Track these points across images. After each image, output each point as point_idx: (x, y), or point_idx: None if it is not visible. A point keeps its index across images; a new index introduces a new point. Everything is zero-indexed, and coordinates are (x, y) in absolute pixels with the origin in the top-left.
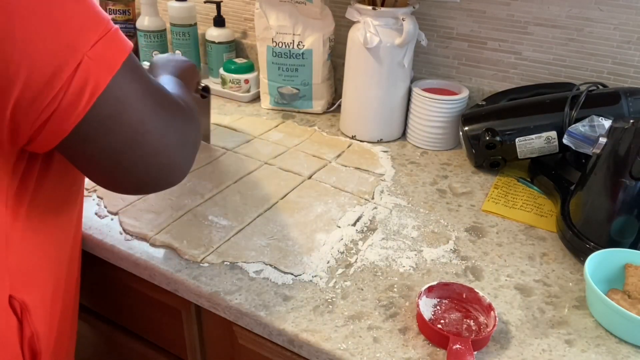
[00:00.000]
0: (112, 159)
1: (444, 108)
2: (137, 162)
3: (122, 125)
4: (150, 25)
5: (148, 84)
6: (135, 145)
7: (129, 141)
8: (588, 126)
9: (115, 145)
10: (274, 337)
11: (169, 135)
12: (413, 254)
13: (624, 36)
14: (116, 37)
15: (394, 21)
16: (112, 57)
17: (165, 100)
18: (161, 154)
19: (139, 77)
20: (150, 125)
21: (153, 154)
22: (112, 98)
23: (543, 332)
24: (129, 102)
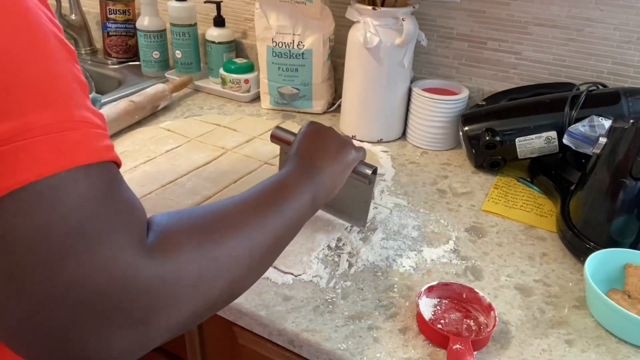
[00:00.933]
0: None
1: (444, 108)
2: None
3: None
4: (150, 25)
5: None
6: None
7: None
8: (588, 126)
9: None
10: (274, 337)
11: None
12: (413, 254)
13: (624, 36)
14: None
15: (394, 21)
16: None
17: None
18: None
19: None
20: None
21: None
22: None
23: (543, 332)
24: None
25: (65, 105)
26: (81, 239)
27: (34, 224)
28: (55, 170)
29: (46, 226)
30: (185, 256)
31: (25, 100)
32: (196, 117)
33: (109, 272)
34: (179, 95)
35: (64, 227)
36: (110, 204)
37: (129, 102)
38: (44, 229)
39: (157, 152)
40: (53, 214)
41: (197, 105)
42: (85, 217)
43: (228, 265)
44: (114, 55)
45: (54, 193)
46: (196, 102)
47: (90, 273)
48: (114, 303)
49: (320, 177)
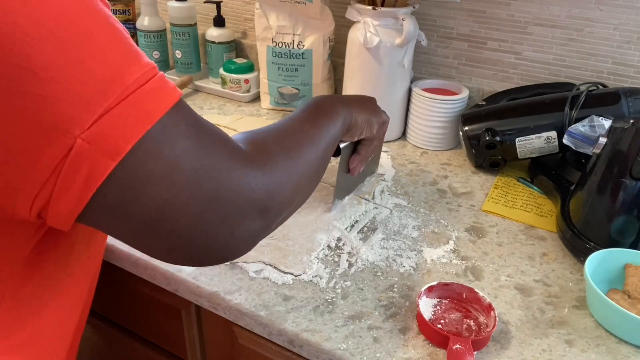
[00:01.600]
0: (137, 239)
1: (444, 108)
2: (166, 241)
3: (140, 209)
4: (150, 25)
5: (172, 166)
6: (159, 227)
7: (150, 222)
8: (588, 126)
9: (135, 226)
10: (274, 337)
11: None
12: (413, 254)
13: (624, 36)
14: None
15: (394, 21)
16: (116, 141)
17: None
18: (194, 228)
19: (155, 163)
20: (178, 202)
21: (185, 228)
22: (117, 188)
23: (543, 332)
24: (145, 190)
25: (138, 57)
26: (202, 162)
27: (166, 161)
28: (160, 114)
29: (175, 159)
30: (278, 159)
31: (117, 62)
32: None
33: (232, 182)
34: None
35: (187, 155)
36: (204, 129)
37: None
38: (174, 162)
39: None
40: (174, 149)
41: (197, 105)
42: (196, 144)
43: (307, 167)
44: None
45: (167, 132)
46: (196, 102)
47: (220, 185)
48: (242, 201)
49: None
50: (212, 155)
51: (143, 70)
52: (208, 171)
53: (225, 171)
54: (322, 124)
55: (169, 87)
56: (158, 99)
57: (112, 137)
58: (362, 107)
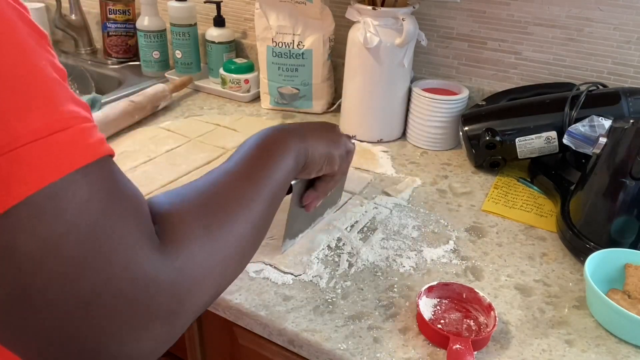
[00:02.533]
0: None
1: (444, 108)
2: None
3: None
4: (150, 25)
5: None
6: (17, 323)
7: (4, 312)
8: (588, 126)
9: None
10: (274, 337)
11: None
12: (413, 254)
13: (624, 36)
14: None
15: (394, 21)
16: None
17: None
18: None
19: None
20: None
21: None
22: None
23: (543, 332)
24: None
25: (49, 103)
26: (93, 245)
27: (39, 239)
28: (53, 178)
29: (53, 239)
30: (196, 243)
31: (6, 106)
32: (196, 117)
33: (129, 275)
34: (179, 95)
35: (72, 236)
36: (116, 201)
37: (129, 102)
38: (51, 242)
39: (157, 152)
40: (58, 225)
41: (197, 105)
42: (93, 221)
43: (235, 242)
44: (114, 55)
45: (55, 202)
46: (196, 102)
47: (110, 278)
48: (139, 304)
49: (302, 141)
50: (112, 237)
51: (53, 119)
52: (100, 256)
53: (124, 258)
54: (266, 169)
55: (83, 143)
56: (58, 157)
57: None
58: (320, 139)
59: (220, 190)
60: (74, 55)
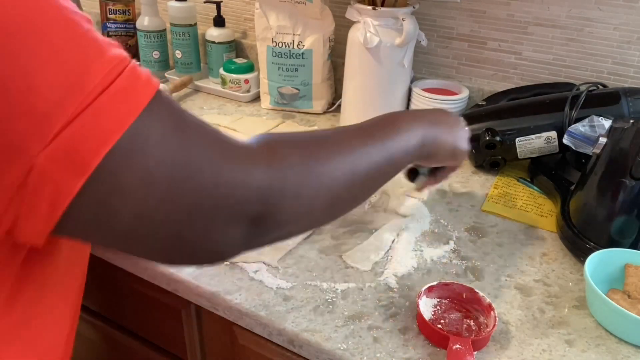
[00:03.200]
0: (116, 247)
1: (443, 108)
2: (146, 249)
3: (111, 230)
4: (150, 25)
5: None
6: (137, 238)
7: (128, 235)
8: (588, 126)
9: (111, 239)
10: (274, 337)
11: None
12: (413, 254)
13: (624, 36)
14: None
15: (394, 21)
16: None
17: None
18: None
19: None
20: (155, 216)
21: (165, 239)
22: (86, 208)
23: (543, 332)
24: (117, 210)
25: (100, 55)
26: (182, 168)
27: (137, 174)
28: (129, 120)
29: (148, 171)
30: (290, 169)
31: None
32: None
33: (217, 182)
34: (179, 95)
35: (162, 166)
36: (185, 127)
37: None
38: (148, 175)
39: None
40: (148, 159)
41: (197, 105)
42: (174, 148)
43: (329, 184)
44: None
45: (137, 141)
46: (196, 102)
47: (205, 190)
48: (231, 203)
49: (433, 127)
50: (196, 154)
51: (108, 68)
52: (190, 176)
53: (210, 171)
54: (386, 134)
55: (139, 83)
56: (126, 101)
57: (76, 153)
58: (450, 132)
59: (332, 136)
60: None
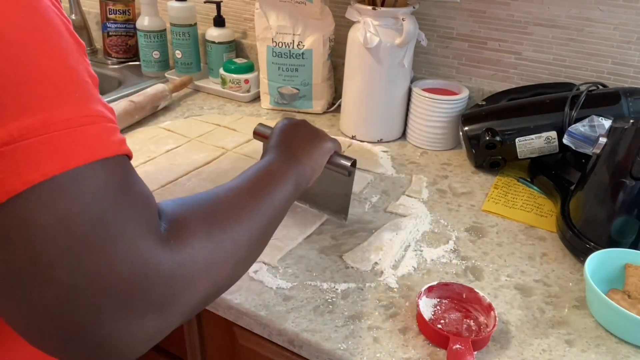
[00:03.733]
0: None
1: (444, 108)
2: (22, 311)
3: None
4: (150, 25)
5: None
6: (20, 290)
7: (11, 281)
8: (588, 126)
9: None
10: (274, 337)
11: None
12: (413, 254)
13: (624, 36)
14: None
15: (394, 21)
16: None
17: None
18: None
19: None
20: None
21: (50, 304)
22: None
23: (543, 332)
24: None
25: (82, 100)
26: (102, 228)
27: (56, 215)
28: (77, 163)
29: (68, 216)
30: (198, 243)
31: (45, 95)
32: (196, 117)
33: (131, 261)
34: (179, 95)
35: (85, 217)
36: (127, 194)
37: (129, 102)
38: (66, 220)
39: (157, 152)
40: (74, 205)
41: (197, 105)
42: (105, 207)
43: (232, 249)
44: (114, 55)
45: (75, 185)
46: (196, 102)
47: (113, 262)
48: (136, 291)
49: (300, 164)
50: (120, 224)
51: (84, 114)
52: (105, 242)
53: (127, 249)
54: (267, 188)
55: (109, 140)
56: (85, 146)
57: (8, 172)
58: (309, 154)
59: (224, 200)
60: None
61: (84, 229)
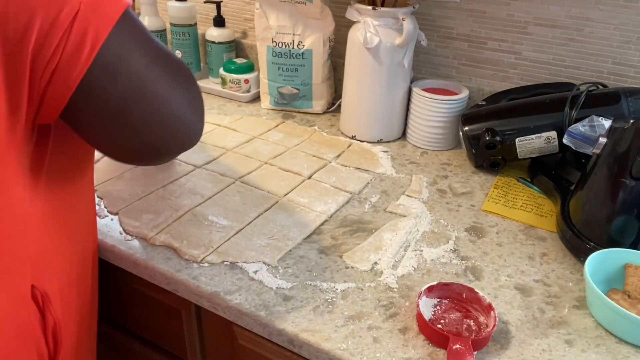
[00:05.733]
0: (120, 119)
1: (444, 108)
2: (145, 120)
3: (127, 79)
4: (150, 25)
5: (149, 39)
6: (142, 101)
7: (135, 95)
8: (588, 126)
9: (121, 101)
10: (274, 337)
11: (175, 92)
12: (413, 254)
13: (624, 36)
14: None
15: (394, 21)
16: (110, 8)
17: (167, 57)
18: (168, 110)
19: (138, 32)
20: (155, 80)
21: (160, 110)
22: (114, 49)
23: (543, 332)
24: (132, 56)
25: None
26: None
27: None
28: (107, 30)
29: (131, 62)
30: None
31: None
32: None
33: (184, 123)
34: None
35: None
36: (152, 42)
37: None
38: (139, 80)
39: None
40: (132, 52)
41: None
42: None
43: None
44: None
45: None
46: None
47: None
48: (186, 136)
49: None
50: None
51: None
52: (172, 58)
53: (183, 65)
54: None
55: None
56: (106, 10)
57: (104, 6)
58: None
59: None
60: None
61: (154, 61)
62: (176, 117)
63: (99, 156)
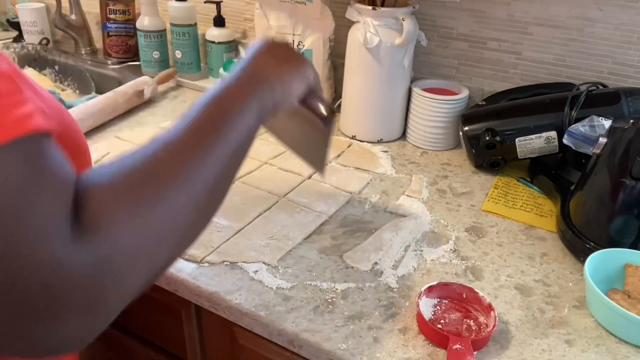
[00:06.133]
0: None
1: (444, 108)
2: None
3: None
4: (150, 25)
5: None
6: None
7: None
8: (588, 126)
9: None
10: (274, 337)
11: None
12: (413, 254)
13: (624, 36)
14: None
15: (394, 21)
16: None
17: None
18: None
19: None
20: None
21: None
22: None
23: (543, 332)
24: None
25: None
26: (5, 230)
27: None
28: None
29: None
30: (124, 228)
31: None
32: None
33: (42, 266)
34: (179, 95)
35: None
36: (44, 177)
37: (112, 92)
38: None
39: None
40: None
41: None
42: (4, 206)
43: (171, 224)
44: (114, 55)
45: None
46: None
47: (20, 269)
48: (54, 296)
49: (266, 81)
50: (27, 227)
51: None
52: (7, 249)
53: (35, 255)
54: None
55: (6, 121)
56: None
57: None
58: (279, 72)
59: (155, 162)
60: (74, 56)
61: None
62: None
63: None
